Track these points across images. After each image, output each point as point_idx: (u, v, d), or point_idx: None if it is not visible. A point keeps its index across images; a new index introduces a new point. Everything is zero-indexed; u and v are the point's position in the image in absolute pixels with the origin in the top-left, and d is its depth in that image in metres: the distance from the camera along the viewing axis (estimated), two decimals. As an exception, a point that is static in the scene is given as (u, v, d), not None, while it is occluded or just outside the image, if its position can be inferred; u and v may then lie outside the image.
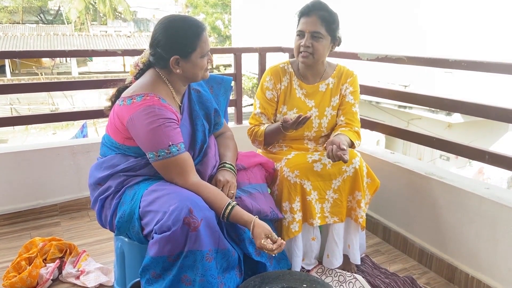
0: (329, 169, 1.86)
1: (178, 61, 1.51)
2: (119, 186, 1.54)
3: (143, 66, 1.61)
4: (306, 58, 1.91)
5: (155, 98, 1.46)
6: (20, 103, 16.74)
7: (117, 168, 1.55)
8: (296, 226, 1.85)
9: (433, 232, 2.11)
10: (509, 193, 1.88)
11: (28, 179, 2.51)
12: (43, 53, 6.64)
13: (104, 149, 1.63)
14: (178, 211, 1.35)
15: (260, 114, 2.04)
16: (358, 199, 1.89)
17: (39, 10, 32.87)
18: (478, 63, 1.98)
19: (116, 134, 1.54)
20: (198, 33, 1.51)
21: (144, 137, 1.45)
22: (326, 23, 1.86)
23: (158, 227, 1.37)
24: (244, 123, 3.08)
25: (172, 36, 1.49)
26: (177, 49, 1.50)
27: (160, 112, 1.44)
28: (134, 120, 1.44)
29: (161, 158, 1.46)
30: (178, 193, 1.43)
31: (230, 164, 1.71)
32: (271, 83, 2.03)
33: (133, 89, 1.50)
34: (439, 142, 2.18)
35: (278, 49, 3.09)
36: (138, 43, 21.64)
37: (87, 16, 30.70)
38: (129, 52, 2.94)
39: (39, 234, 2.33)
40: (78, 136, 11.21)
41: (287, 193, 1.84)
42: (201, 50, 1.52)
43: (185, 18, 1.54)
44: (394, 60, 2.36)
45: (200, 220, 1.37)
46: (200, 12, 24.75)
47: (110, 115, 1.59)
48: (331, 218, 1.89)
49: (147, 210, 1.43)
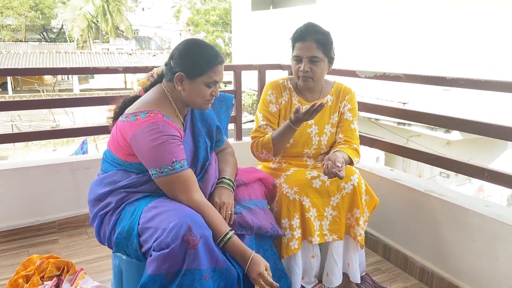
0: (327, 186, 1.86)
1: (182, 79, 1.52)
2: (119, 202, 1.54)
3: (157, 77, 1.64)
4: (307, 81, 1.92)
5: (159, 115, 1.47)
6: (21, 120, 16.80)
7: (118, 184, 1.55)
8: (296, 244, 1.83)
9: (433, 250, 2.09)
10: (509, 211, 1.87)
11: (27, 196, 2.50)
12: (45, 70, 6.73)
13: (105, 165, 1.63)
14: (178, 228, 1.35)
15: (265, 125, 2.00)
16: (356, 217, 1.88)
17: (42, 29, 33.31)
18: (476, 81, 1.99)
19: (118, 150, 1.55)
20: (211, 61, 1.52)
21: (147, 153, 1.45)
22: (322, 46, 1.86)
23: (156, 244, 1.36)
24: (244, 140, 3.09)
25: (187, 53, 1.52)
26: (185, 66, 1.51)
27: (164, 129, 1.45)
28: (138, 136, 1.44)
29: (164, 175, 1.46)
30: (178, 210, 1.43)
31: (229, 179, 1.71)
32: (273, 96, 2.03)
33: (136, 106, 1.51)
34: (438, 159, 2.19)
35: (277, 67, 3.12)
36: (139, 61, 21.87)
37: (89, 34, 31.08)
38: (130, 69, 2.96)
39: (37, 252, 2.31)
40: (78, 153, 11.21)
41: (286, 209, 1.84)
42: (208, 78, 1.52)
43: (208, 45, 1.56)
44: (392, 78, 2.38)
45: (199, 238, 1.37)
46: (201, 30, 25.07)
47: (113, 131, 1.59)
48: (330, 236, 1.88)
49: (146, 227, 1.43)
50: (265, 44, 10.36)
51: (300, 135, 1.99)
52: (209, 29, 23.83)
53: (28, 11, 28.97)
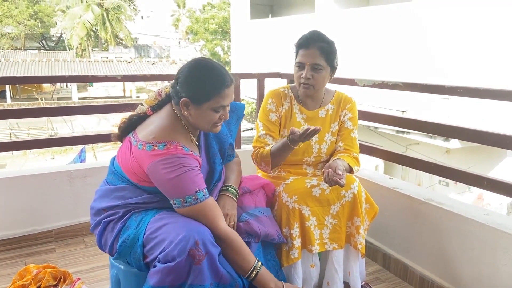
0: (327, 194, 1.85)
1: (187, 104, 1.47)
2: (126, 212, 1.52)
3: (164, 96, 1.58)
4: (308, 89, 1.92)
5: (178, 147, 1.43)
6: (20, 128, 16.79)
7: (129, 201, 1.52)
8: (296, 253, 1.82)
9: (433, 259, 2.08)
10: (509, 219, 1.86)
11: (24, 205, 2.49)
12: (44, 78, 6.73)
13: (114, 178, 1.59)
14: (185, 241, 1.33)
15: (265, 135, 2.00)
16: (357, 225, 1.87)
17: (41, 37, 33.46)
18: (474, 90, 2.00)
19: (132, 175, 1.50)
20: (218, 88, 1.45)
21: (168, 185, 1.41)
22: (326, 54, 1.87)
23: (162, 256, 1.34)
24: (243, 148, 3.08)
25: (193, 78, 1.46)
26: (191, 92, 1.45)
27: (185, 160, 1.42)
28: (157, 167, 1.40)
29: (188, 205, 1.42)
30: (186, 222, 1.41)
31: (233, 188, 1.70)
32: (274, 105, 2.03)
33: (152, 134, 1.45)
34: (437, 168, 2.18)
35: (276, 75, 3.13)
36: (138, 69, 21.94)
37: (88, 42, 31.21)
38: (129, 77, 2.97)
39: (33, 261, 2.29)
40: (76, 161, 11.19)
41: (285, 218, 1.83)
42: (215, 103, 1.46)
43: (214, 67, 1.48)
44: (391, 86, 2.38)
45: (205, 254, 1.35)
46: (200, 38, 25.20)
47: (125, 152, 1.52)
48: (331, 245, 1.87)
49: (152, 237, 1.41)
50: (264, 52, 10.41)
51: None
52: (208, 37, 23.94)
53: (27, 19, 29.11)
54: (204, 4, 27.63)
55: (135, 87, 25.07)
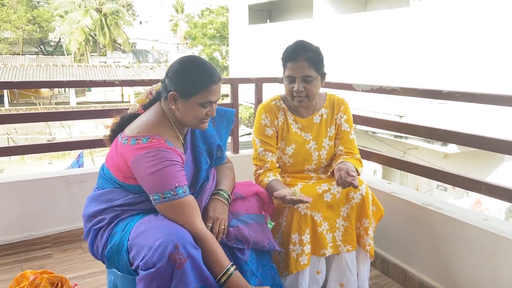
0: (338, 198, 1.85)
1: (175, 98, 1.50)
2: (113, 219, 1.52)
3: (155, 94, 1.61)
4: (302, 101, 1.91)
5: (161, 140, 1.44)
6: (17, 133, 16.76)
7: (114, 203, 1.52)
8: (305, 259, 1.81)
9: (432, 264, 2.08)
10: (507, 224, 1.86)
11: (21, 210, 2.48)
12: (42, 83, 6.72)
13: (102, 181, 1.60)
14: (164, 247, 1.32)
15: (263, 152, 1.98)
16: (365, 226, 1.87)
17: (40, 42, 33.47)
18: (471, 95, 2.01)
19: (117, 171, 1.52)
20: (206, 82, 1.48)
21: (149, 178, 1.41)
22: (314, 64, 1.85)
23: (143, 264, 1.34)
24: (241, 153, 3.08)
25: (182, 72, 1.49)
26: (179, 86, 1.48)
27: (167, 154, 1.42)
28: (139, 161, 1.41)
29: (166, 200, 1.42)
30: (166, 227, 1.40)
31: (225, 192, 1.69)
32: (268, 120, 2.00)
33: (138, 129, 1.47)
34: (435, 173, 2.18)
35: (274, 80, 3.14)
36: (136, 74, 21.94)
37: (87, 47, 31.27)
38: (127, 82, 2.96)
39: (30, 267, 2.28)
40: (74, 166, 11.17)
41: (297, 224, 1.81)
42: (202, 98, 1.49)
43: (204, 63, 1.52)
44: (389, 91, 2.39)
45: (186, 257, 1.34)
46: (198, 43, 25.27)
47: (112, 150, 1.55)
48: (344, 247, 1.86)
49: (134, 244, 1.40)
50: (262, 57, 10.43)
51: (299, 153, 1.99)
52: (207, 42, 24.02)
53: (26, 24, 29.14)
54: (202, 9, 27.77)
55: (133, 92, 25.08)
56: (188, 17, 36.52)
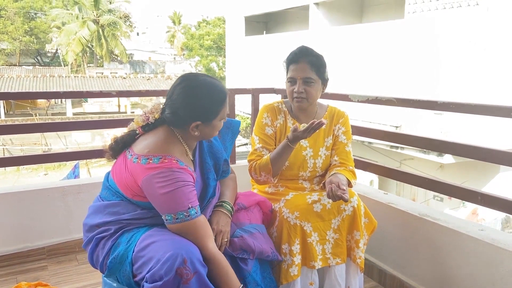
0: (328, 209, 1.85)
1: (198, 126, 1.50)
2: (118, 229, 1.51)
3: (154, 121, 1.54)
4: (301, 102, 1.94)
5: (173, 160, 1.43)
6: (13, 144, 16.69)
7: (122, 216, 1.50)
8: (295, 270, 1.80)
9: (429, 274, 2.07)
10: (503, 234, 1.87)
11: (16, 221, 2.46)
12: (38, 94, 6.72)
13: (108, 193, 1.57)
14: (172, 260, 1.31)
15: (261, 148, 1.99)
16: (356, 239, 1.86)
17: (37, 53, 33.52)
18: (466, 105, 2.02)
19: (126, 189, 1.49)
20: (222, 100, 1.52)
21: (161, 199, 1.40)
22: (316, 67, 1.90)
23: (149, 276, 1.32)
24: (238, 163, 3.08)
25: (197, 103, 1.48)
26: (200, 116, 1.48)
27: (179, 175, 1.41)
28: (151, 181, 1.40)
29: (179, 221, 1.41)
30: (174, 240, 1.39)
31: (228, 204, 1.69)
32: (269, 119, 2.04)
33: (147, 148, 1.45)
34: (431, 183, 2.19)
35: (271, 91, 3.15)
36: (133, 84, 21.98)
37: (83, 58, 31.33)
38: (123, 93, 2.96)
39: (25, 279, 2.25)
40: (70, 177, 11.11)
41: (286, 234, 1.81)
42: (222, 114, 1.54)
43: (210, 84, 1.51)
44: (384, 102, 2.40)
45: (193, 273, 1.33)
46: (195, 54, 25.36)
47: (120, 165, 1.52)
48: (334, 260, 1.85)
49: (140, 255, 1.39)
50: (258, 68, 10.49)
51: (295, 158, 1.99)
52: (203, 53, 24.11)
53: (23, 35, 29.18)
54: (199, 20, 27.94)
55: (130, 102, 25.11)
56: (185, 28, 36.74)
